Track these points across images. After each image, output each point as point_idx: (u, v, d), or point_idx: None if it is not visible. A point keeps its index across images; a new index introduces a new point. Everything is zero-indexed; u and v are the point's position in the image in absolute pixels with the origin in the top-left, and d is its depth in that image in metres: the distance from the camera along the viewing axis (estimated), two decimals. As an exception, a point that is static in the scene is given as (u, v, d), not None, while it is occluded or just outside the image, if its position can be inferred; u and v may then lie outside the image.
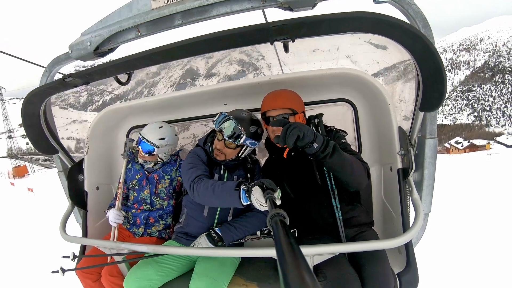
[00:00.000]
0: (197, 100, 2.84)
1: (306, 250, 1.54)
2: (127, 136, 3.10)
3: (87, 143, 2.69)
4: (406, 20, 1.48)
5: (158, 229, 2.59)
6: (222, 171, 2.22)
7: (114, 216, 2.45)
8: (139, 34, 1.74)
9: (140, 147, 2.54)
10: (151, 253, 1.97)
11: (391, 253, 1.99)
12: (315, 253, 1.56)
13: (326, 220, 1.97)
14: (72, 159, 2.62)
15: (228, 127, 2.01)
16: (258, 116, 2.19)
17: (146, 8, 1.66)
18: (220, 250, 1.92)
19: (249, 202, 1.65)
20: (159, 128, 2.54)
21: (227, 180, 2.20)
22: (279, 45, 1.54)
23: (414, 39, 1.32)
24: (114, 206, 2.54)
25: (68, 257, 2.15)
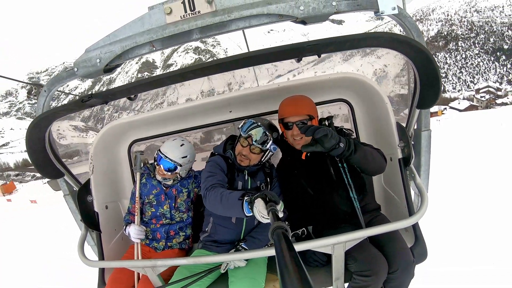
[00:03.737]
0: (202, 110, 2.88)
1: (338, 238, 1.71)
2: (129, 150, 3.05)
3: (91, 162, 2.61)
4: (403, 31, 1.73)
5: (178, 241, 2.62)
6: (245, 177, 2.31)
7: (136, 232, 2.41)
8: (153, 48, 1.71)
9: (161, 165, 2.49)
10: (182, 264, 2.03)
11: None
12: (346, 240, 1.74)
13: (344, 211, 2.18)
14: (78, 181, 2.50)
15: (257, 133, 2.14)
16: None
17: (161, 22, 1.65)
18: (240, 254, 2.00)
19: (251, 214, 1.68)
20: (181, 146, 2.49)
21: (251, 185, 2.31)
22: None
23: (418, 52, 1.58)
24: (131, 222, 2.51)
25: None
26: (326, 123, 2.14)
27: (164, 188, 2.60)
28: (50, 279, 7.20)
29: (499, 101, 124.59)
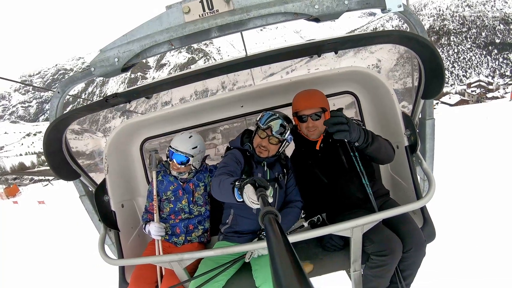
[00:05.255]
0: (213, 106, 2.96)
1: (357, 222, 1.83)
2: (141, 148, 3.11)
3: (105, 162, 2.63)
4: (408, 27, 1.88)
5: (197, 235, 2.69)
6: (264, 168, 2.40)
7: (156, 230, 2.48)
8: (172, 47, 1.74)
9: (174, 159, 2.56)
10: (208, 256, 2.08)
11: None
12: (365, 223, 1.86)
13: (358, 197, 2.31)
14: (94, 182, 2.52)
15: (276, 124, 2.25)
16: None
17: (179, 21, 1.69)
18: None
19: (242, 200, 1.69)
20: (189, 138, 2.57)
21: (270, 176, 2.40)
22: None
23: (424, 47, 1.73)
24: (150, 220, 2.57)
25: None
26: None
27: (181, 183, 2.67)
28: (68, 278, 7.25)
29: (489, 95, 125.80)
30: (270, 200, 1.42)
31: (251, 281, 2.11)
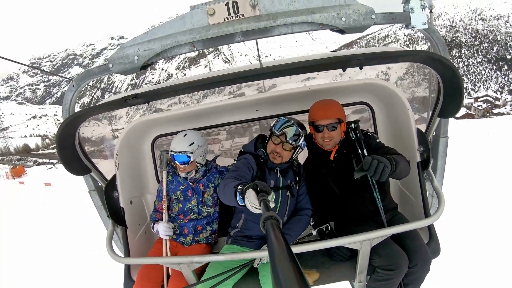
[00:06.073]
0: (229, 108, 2.98)
1: (367, 236, 1.84)
2: (152, 145, 3.12)
3: (117, 157, 2.63)
4: (430, 44, 1.88)
5: (205, 236, 2.69)
6: (277, 175, 2.40)
7: (164, 230, 2.49)
8: (194, 48, 1.73)
9: (176, 162, 2.56)
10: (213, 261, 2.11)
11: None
12: (374, 237, 1.88)
13: (368, 210, 2.32)
14: (104, 177, 2.52)
15: (291, 131, 2.24)
16: None
17: (203, 23, 1.68)
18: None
19: (244, 204, 1.70)
20: (184, 136, 2.57)
21: (282, 184, 2.41)
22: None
23: (447, 68, 1.76)
24: (159, 220, 2.58)
25: None
26: (353, 126, 2.30)
27: (191, 184, 2.68)
28: (74, 264, 7.23)
29: (496, 110, 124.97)
30: (272, 205, 1.43)
31: (258, 286, 2.13)
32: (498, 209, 7.33)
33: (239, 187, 1.78)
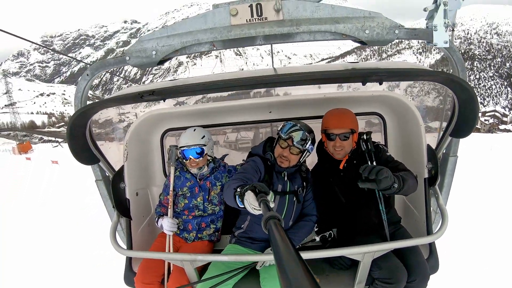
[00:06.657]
0: (242, 108, 2.98)
1: (369, 248, 1.86)
2: (161, 138, 3.13)
3: (125, 149, 2.61)
4: (449, 63, 1.86)
5: (208, 233, 2.70)
6: (285, 179, 2.40)
7: (169, 225, 2.49)
8: (214, 48, 1.69)
9: (190, 156, 2.54)
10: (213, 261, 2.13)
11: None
12: (377, 250, 1.90)
13: (373, 222, 2.33)
14: (112, 168, 2.50)
15: (297, 134, 2.24)
16: None
17: (225, 22, 1.65)
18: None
19: (243, 206, 1.70)
20: (194, 131, 2.58)
21: (290, 188, 2.41)
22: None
23: (465, 91, 1.75)
24: (164, 215, 2.58)
25: None
26: (365, 137, 2.30)
27: (198, 181, 2.68)
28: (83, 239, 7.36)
29: (502, 127, 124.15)
30: (272, 205, 1.42)
31: (258, 287, 2.14)
32: (493, 224, 7.28)
33: (238, 189, 1.78)
